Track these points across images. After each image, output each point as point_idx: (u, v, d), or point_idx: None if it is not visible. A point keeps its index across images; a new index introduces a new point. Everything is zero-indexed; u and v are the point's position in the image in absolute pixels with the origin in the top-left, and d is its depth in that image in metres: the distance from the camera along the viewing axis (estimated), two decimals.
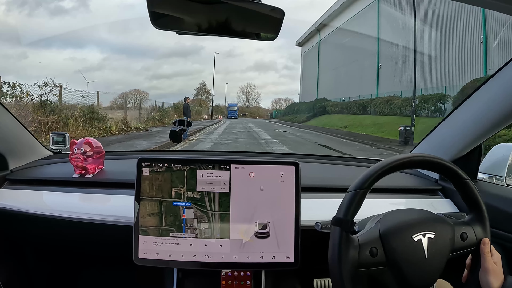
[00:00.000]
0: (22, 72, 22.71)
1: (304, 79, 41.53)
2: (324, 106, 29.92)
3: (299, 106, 37.96)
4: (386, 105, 20.27)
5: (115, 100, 18.66)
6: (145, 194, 1.10)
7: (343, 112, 26.13)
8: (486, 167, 1.46)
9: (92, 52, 37.89)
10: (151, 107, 20.97)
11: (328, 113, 28.75)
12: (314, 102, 32.86)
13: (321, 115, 29.47)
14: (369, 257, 0.86)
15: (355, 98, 25.24)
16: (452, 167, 0.93)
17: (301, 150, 11.55)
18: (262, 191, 1.11)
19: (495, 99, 1.19)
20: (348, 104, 25.93)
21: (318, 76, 35.04)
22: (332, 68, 30.82)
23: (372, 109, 22.09)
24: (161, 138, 11.61)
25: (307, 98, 37.02)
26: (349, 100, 26.50)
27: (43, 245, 1.52)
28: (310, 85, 37.43)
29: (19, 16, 20.16)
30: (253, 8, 0.86)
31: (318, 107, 30.87)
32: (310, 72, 37.61)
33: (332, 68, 30.79)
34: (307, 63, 39.54)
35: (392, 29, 21.99)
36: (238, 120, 37.03)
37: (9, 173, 1.44)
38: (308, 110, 33.28)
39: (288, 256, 1.10)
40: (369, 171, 0.89)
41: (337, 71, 29.81)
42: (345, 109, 26.23)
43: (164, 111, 21.65)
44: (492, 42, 13.85)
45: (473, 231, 0.92)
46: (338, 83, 29.73)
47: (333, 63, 30.67)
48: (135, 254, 1.10)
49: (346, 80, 28.10)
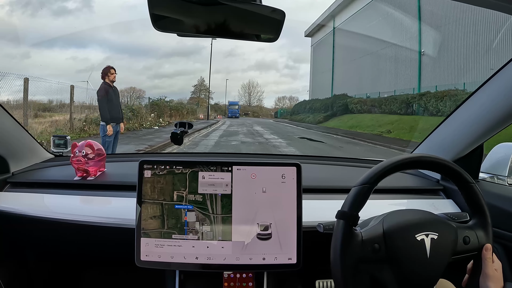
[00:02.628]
0: (24, 72, 22.64)
1: (315, 74, 35.49)
2: (346, 103, 24.01)
3: (311, 104, 31.28)
4: (442, 101, 14.64)
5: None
6: (147, 197, 1.10)
7: (374, 110, 20.54)
8: (488, 166, 1.45)
9: (94, 52, 37.83)
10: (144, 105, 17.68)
11: (351, 112, 23.22)
12: (332, 99, 26.78)
13: (342, 114, 24.07)
14: (371, 253, 0.86)
15: (389, 93, 19.63)
16: (457, 169, 0.93)
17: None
18: (264, 192, 1.11)
19: (496, 98, 1.19)
20: (381, 101, 19.82)
21: (333, 69, 29.59)
22: (351, 59, 25.66)
23: (419, 106, 16.33)
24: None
25: (319, 95, 31.08)
26: (379, 96, 20.83)
27: (45, 248, 1.51)
28: (322, 80, 31.99)
29: (22, 16, 20.09)
30: (253, 9, 0.86)
31: (338, 105, 25.02)
32: (323, 65, 31.99)
33: (351, 59, 25.67)
34: (319, 55, 33.81)
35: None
36: (241, 121, 32.28)
37: (11, 176, 1.44)
38: (324, 108, 27.37)
39: (290, 257, 1.10)
40: (375, 168, 0.90)
41: (358, 63, 24.81)
42: (376, 107, 20.39)
43: (133, 109, 15.58)
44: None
45: (475, 235, 0.92)
46: (360, 77, 24.74)
47: (352, 53, 25.36)
48: (137, 257, 1.10)
49: (372, 72, 23.08)
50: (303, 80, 64.57)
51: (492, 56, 12.99)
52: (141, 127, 15.01)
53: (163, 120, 18.05)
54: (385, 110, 18.97)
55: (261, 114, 46.38)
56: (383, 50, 21.20)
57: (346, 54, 26.76)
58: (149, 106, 18.19)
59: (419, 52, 17.98)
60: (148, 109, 17.78)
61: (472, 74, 13.12)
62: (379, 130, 16.42)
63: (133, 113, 14.98)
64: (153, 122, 16.77)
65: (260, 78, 76.11)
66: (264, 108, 50.80)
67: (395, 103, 18.15)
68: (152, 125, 16.22)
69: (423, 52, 17.73)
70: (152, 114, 17.63)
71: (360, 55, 24.23)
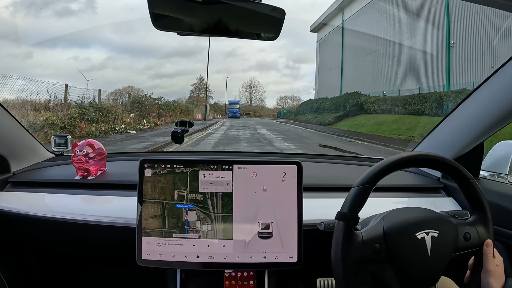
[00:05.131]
0: (26, 71, 22.59)
1: (321, 71, 32.38)
2: (361, 102, 21.16)
3: (319, 103, 28.04)
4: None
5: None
6: (147, 196, 1.10)
7: (395, 111, 17.62)
8: (488, 164, 1.46)
9: (96, 51, 37.81)
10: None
11: (367, 112, 20.27)
12: (343, 98, 23.81)
13: (356, 114, 21.06)
14: (372, 254, 0.86)
15: (412, 91, 17.09)
16: (456, 166, 0.93)
17: None
18: (265, 191, 1.11)
19: (496, 96, 1.18)
20: (405, 99, 16.97)
21: (342, 65, 27.04)
22: (364, 54, 23.16)
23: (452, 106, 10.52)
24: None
25: (326, 94, 28.18)
26: (400, 94, 18.45)
27: (46, 247, 1.52)
28: (330, 78, 29.34)
29: (26, 17, 20.02)
30: (253, 8, 0.86)
31: (351, 104, 21.94)
32: (330, 62, 29.32)
33: (364, 54, 23.10)
34: (325, 51, 30.88)
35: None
36: (242, 121, 28.95)
37: (11, 176, 1.44)
38: (334, 108, 24.42)
39: (291, 256, 1.10)
40: (374, 168, 0.90)
41: (371, 58, 22.37)
42: (398, 106, 17.46)
43: (101, 108, 12.35)
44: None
45: (476, 232, 0.92)
46: (374, 73, 22.20)
47: (365, 47, 22.94)
48: (138, 256, 1.10)
49: (388, 68, 20.59)
50: (303, 80, 64.43)
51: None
52: (112, 131, 12.08)
53: (147, 121, 14.91)
54: (410, 110, 16.30)
55: (263, 114, 45.10)
56: (402, 43, 18.80)
57: (357, 49, 24.38)
58: (129, 105, 14.88)
59: (447, 43, 15.65)
60: (128, 108, 14.49)
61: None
62: (409, 135, 13.84)
63: (101, 113, 12.06)
64: (132, 125, 13.59)
65: (261, 78, 76.01)
66: (266, 108, 49.52)
67: (424, 102, 15.43)
68: (128, 128, 12.96)
69: (453, 43, 15.39)
70: (131, 114, 14.34)
71: (373, 49, 22.09)
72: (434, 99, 14.68)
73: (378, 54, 21.77)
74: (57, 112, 10.82)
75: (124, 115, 13.69)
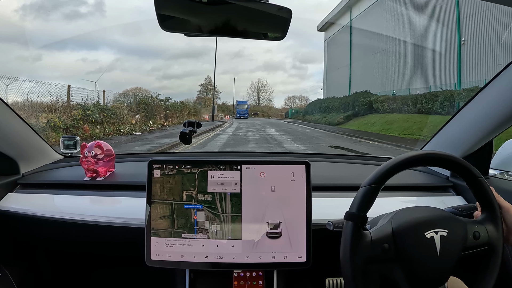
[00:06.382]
0: (34, 73, 22.78)
1: (330, 71, 31.95)
2: (370, 102, 20.83)
3: (328, 103, 27.77)
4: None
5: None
6: (156, 197, 1.11)
7: (405, 110, 17.41)
8: (497, 163, 1.44)
9: (104, 53, 38.00)
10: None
11: (376, 111, 20.06)
12: (352, 98, 23.59)
13: (365, 114, 20.91)
14: (381, 253, 0.85)
15: (423, 90, 16.83)
16: (465, 164, 0.92)
17: None
18: (273, 191, 1.11)
19: (505, 94, 1.17)
20: (416, 98, 16.68)
21: (351, 64, 26.79)
22: (373, 52, 22.87)
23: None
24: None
25: (335, 93, 27.96)
26: (410, 93, 18.16)
27: (55, 247, 1.53)
28: (338, 77, 29.18)
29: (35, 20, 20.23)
30: (260, 8, 0.86)
31: (360, 103, 21.66)
32: (338, 61, 29.02)
33: (373, 53, 22.90)
34: (333, 50, 30.52)
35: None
36: (250, 122, 28.11)
37: (21, 177, 1.46)
38: (343, 108, 24.17)
39: (300, 255, 1.10)
40: (382, 167, 0.89)
41: (380, 57, 22.14)
42: (409, 105, 17.19)
43: (106, 109, 12.16)
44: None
45: (485, 230, 0.91)
46: (384, 72, 21.78)
47: (374, 46, 22.74)
48: (147, 256, 1.10)
49: (398, 66, 20.26)
50: (310, 80, 64.06)
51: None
52: (117, 133, 11.86)
53: (154, 122, 14.75)
54: (421, 109, 15.98)
55: (271, 114, 44.41)
56: (411, 42, 18.54)
57: (365, 48, 24.26)
58: (135, 106, 14.62)
59: (458, 41, 15.36)
60: (134, 109, 14.22)
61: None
62: (420, 134, 13.76)
63: (106, 115, 11.84)
64: (137, 126, 13.40)
65: (268, 78, 75.63)
66: (274, 108, 48.72)
67: (435, 101, 15.08)
68: (134, 130, 12.77)
69: (463, 41, 15.07)
70: (137, 115, 14.12)
71: (382, 48, 21.88)
72: (445, 98, 14.52)
73: (387, 52, 21.61)
74: (60, 113, 10.63)
75: (130, 116, 13.48)
